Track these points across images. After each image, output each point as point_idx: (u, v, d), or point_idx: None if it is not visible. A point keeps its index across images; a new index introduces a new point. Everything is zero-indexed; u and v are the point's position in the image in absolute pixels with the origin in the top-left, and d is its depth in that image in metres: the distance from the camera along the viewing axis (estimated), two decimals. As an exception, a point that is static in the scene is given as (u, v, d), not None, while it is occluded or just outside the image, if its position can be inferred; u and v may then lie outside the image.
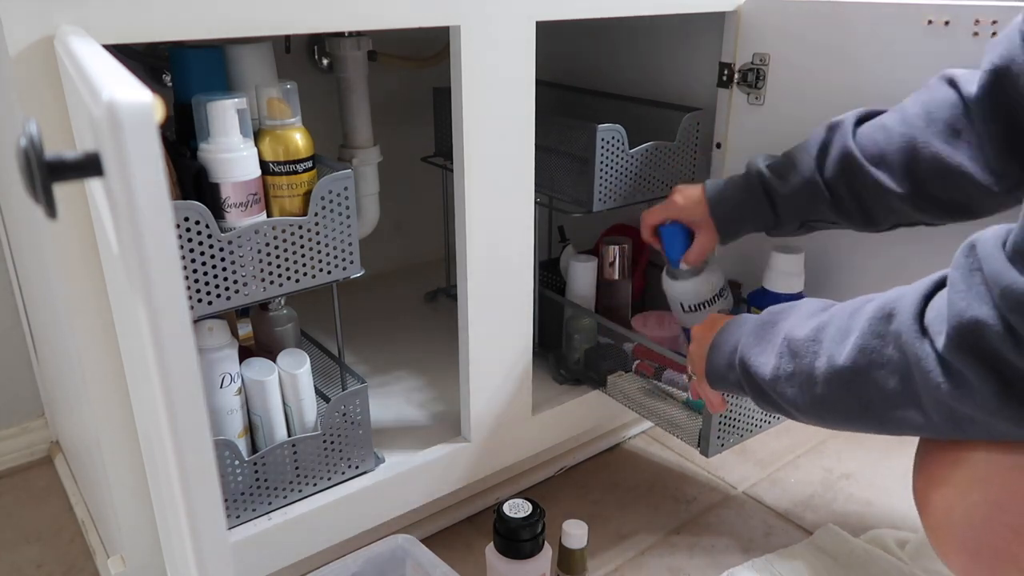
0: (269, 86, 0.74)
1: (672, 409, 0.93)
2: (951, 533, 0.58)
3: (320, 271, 0.77)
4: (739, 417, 0.89)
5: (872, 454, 1.17)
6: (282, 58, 0.94)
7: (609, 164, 0.97)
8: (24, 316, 1.10)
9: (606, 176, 0.98)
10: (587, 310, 1.07)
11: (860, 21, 0.88)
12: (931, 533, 0.60)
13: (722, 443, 0.89)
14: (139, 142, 0.26)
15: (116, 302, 0.62)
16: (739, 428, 0.90)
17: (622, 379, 1.00)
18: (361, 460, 0.87)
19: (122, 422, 0.70)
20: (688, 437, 0.91)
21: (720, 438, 0.88)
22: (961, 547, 0.58)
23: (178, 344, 0.28)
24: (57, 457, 1.14)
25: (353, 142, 1.07)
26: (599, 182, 0.97)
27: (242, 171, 0.71)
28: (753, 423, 0.91)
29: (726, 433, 0.89)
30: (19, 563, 0.95)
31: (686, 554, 0.97)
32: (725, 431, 0.88)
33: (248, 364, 0.81)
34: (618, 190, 1.00)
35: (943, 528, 0.59)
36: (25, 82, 0.58)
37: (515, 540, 0.79)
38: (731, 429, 0.89)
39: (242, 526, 0.80)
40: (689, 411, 0.92)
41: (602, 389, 1.04)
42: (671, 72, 1.16)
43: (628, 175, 1.00)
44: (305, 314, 0.96)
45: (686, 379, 0.92)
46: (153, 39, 0.62)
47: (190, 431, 0.29)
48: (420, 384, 1.10)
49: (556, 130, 0.99)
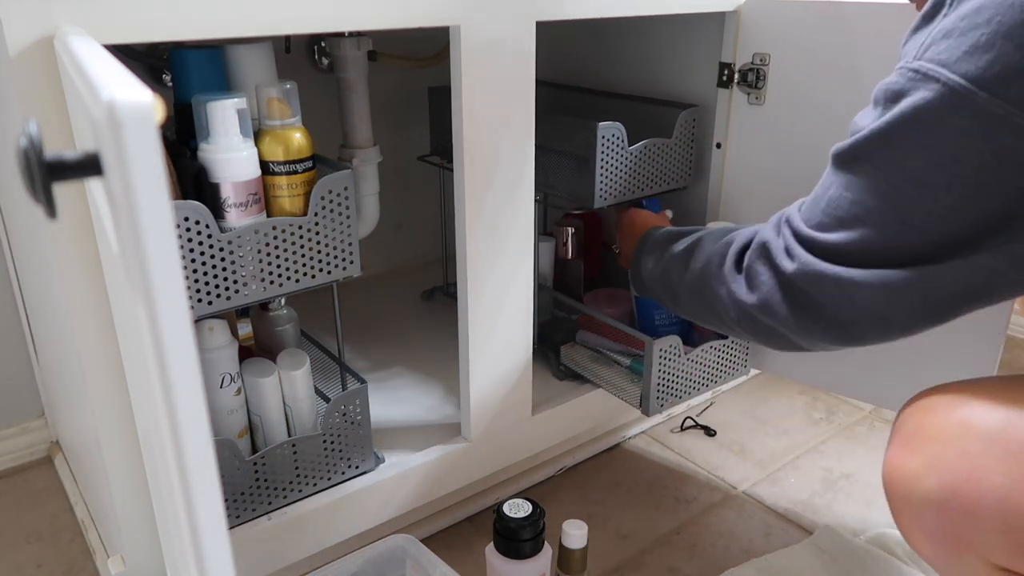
0: (269, 86, 0.74)
1: (617, 375, 1.04)
2: (912, 518, 0.61)
3: (320, 271, 0.77)
4: (675, 383, 1.00)
5: (872, 454, 1.17)
6: (282, 58, 0.94)
7: (609, 161, 0.97)
8: (24, 316, 1.10)
9: (607, 173, 0.98)
10: (545, 285, 1.13)
11: (860, 21, 0.88)
12: (896, 516, 0.64)
13: (661, 403, 0.99)
14: (139, 142, 0.26)
15: (116, 302, 0.62)
16: (676, 391, 1.00)
17: (573, 349, 1.09)
18: (361, 460, 0.87)
19: (122, 422, 0.70)
20: (631, 398, 1.00)
21: (660, 399, 0.98)
22: (921, 531, 0.61)
23: (178, 344, 0.28)
24: (57, 457, 1.14)
25: (353, 142, 1.07)
26: (600, 179, 0.98)
27: (242, 171, 0.71)
28: (687, 388, 1.01)
29: (664, 395, 0.99)
30: (19, 563, 0.95)
31: (686, 554, 0.97)
32: (663, 393, 0.98)
33: (248, 364, 0.81)
34: (618, 187, 1.00)
35: (905, 513, 0.62)
36: (25, 82, 0.58)
37: (515, 540, 0.79)
38: (668, 392, 0.99)
39: (242, 526, 0.80)
40: (632, 375, 1.03)
41: (555, 357, 1.11)
42: (671, 72, 1.16)
43: (627, 172, 1.00)
44: (305, 314, 0.96)
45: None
46: (153, 39, 0.62)
47: (190, 431, 0.29)
48: (420, 384, 1.10)
49: (556, 129, 0.99)
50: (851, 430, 1.23)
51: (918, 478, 0.60)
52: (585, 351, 1.09)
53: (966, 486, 0.57)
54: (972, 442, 0.58)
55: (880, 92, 0.59)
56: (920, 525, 0.61)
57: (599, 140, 0.95)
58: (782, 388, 1.34)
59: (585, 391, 1.06)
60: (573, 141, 0.98)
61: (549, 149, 1.00)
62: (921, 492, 0.59)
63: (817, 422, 1.25)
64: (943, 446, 0.59)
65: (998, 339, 0.85)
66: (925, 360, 0.91)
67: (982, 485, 0.56)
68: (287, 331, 0.91)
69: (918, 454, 0.61)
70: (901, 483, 0.62)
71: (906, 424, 0.64)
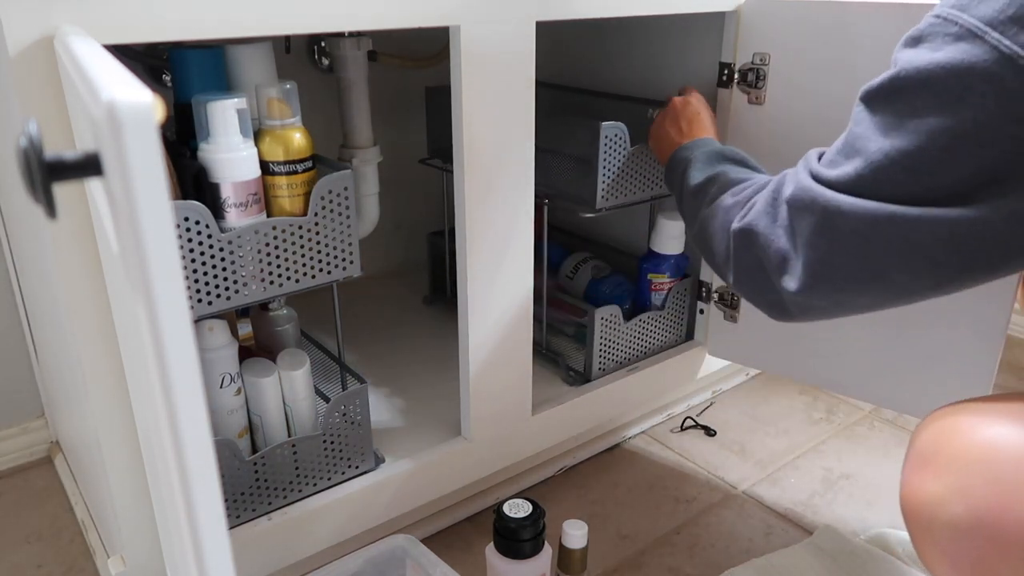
0: (269, 86, 0.74)
1: (564, 342, 1.18)
2: (934, 542, 0.59)
3: (320, 271, 0.77)
4: (614, 349, 1.11)
5: (872, 454, 1.17)
6: (282, 58, 0.94)
7: (612, 162, 0.97)
8: (24, 316, 1.10)
9: (609, 174, 0.98)
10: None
11: (860, 21, 0.88)
12: (916, 541, 0.61)
13: (603, 369, 1.10)
14: (139, 142, 0.26)
15: (116, 302, 0.62)
16: (616, 357, 1.12)
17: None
18: (361, 460, 0.87)
19: (122, 422, 0.70)
20: (576, 364, 1.12)
21: (601, 366, 1.10)
22: (944, 556, 0.58)
23: (178, 344, 0.28)
24: (57, 457, 1.14)
25: (353, 142, 1.06)
26: (602, 180, 0.98)
27: (242, 171, 0.71)
28: (626, 357, 1.13)
29: (605, 361, 1.10)
30: (19, 563, 0.95)
31: (686, 554, 0.97)
32: (604, 359, 1.10)
33: (248, 364, 0.81)
34: (620, 188, 1.00)
35: (926, 537, 0.60)
36: (25, 82, 0.58)
37: (515, 540, 0.79)
38: (609, 357, 1.11)
39: (242, 526, 0.80)
40: (577, 344, 1.17)
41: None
42: (671, 72, 1.16)
43: (629, 173, 1.00)
44: (305, 314, 0.96)
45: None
46: (153, 39, 0.61)
47: (190, 431, 0.29)
48: (420, 384, 1.10)
49: (558, 129, 0.99)
50: (851, 430, 1.23)
51: (942, 503, 0.57)
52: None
53: (995, 512, 0.54)
54: (1001, 466, 0.55)
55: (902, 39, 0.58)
56: (943, 551, 0.58)
57: (602, 140, 0.95)
58: (782, 388, 1.34)
59: (585, 391, 1.06)
60: (576, 141, 0.98)
61: (549, 150, 1.00)
62: (946, 518, 0.57)
63: (817, 422, 1.25)
64: (969, 470, 0.57)
65: (998, 339, 0.85)
66: (925, 360, 0.91)
67: (1013, 512, 0.54)
68: (287, 331, 0.91)
69: (941, 478, 0.58)
70: (923, 508, 0.59)
71: (925, 445, 0.62)
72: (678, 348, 1.18)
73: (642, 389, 1.14)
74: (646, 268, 1.14)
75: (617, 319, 1.08)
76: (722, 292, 1.14)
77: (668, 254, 1.12)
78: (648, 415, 1.23)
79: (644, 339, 1.14)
